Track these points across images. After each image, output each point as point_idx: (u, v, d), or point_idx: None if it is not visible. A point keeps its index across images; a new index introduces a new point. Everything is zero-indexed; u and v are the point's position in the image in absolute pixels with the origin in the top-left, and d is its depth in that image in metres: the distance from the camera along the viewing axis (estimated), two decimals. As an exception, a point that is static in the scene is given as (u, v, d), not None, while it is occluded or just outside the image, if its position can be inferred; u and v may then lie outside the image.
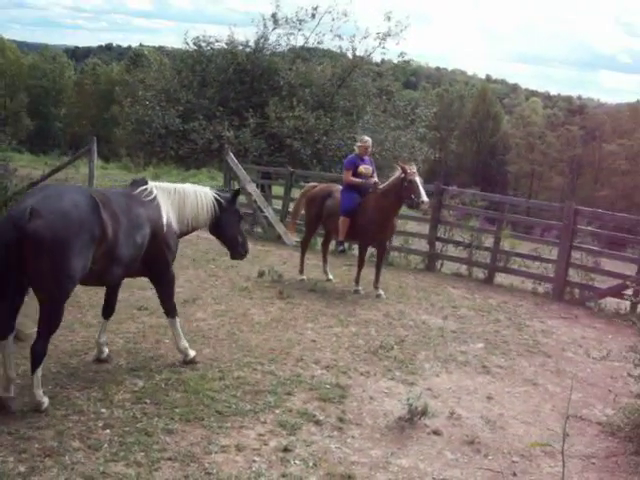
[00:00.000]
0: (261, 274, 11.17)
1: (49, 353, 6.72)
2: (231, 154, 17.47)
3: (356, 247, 12.11)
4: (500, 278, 13.53)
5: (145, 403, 5.91)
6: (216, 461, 5.04)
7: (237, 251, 7.94)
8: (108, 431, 5.34)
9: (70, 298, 8.71)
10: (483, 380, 7.58)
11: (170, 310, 7.11)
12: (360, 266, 11.08)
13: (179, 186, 7.40)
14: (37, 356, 5.66)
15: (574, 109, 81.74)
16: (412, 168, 10.58)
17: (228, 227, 7.69)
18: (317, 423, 5.93)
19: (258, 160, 21.14)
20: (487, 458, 5.67)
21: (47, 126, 71.88)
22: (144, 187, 6.93)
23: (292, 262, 12.56)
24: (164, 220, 6.84)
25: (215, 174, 28.82)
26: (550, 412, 6.85)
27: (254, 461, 5.12)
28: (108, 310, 7.12)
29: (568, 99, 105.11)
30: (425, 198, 10.38)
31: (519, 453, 5.83)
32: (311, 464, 5.17)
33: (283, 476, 4.94)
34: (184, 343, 7.10)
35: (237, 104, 23.01)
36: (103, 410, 5.70)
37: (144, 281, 10.16)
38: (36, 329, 5.82)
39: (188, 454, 5.08)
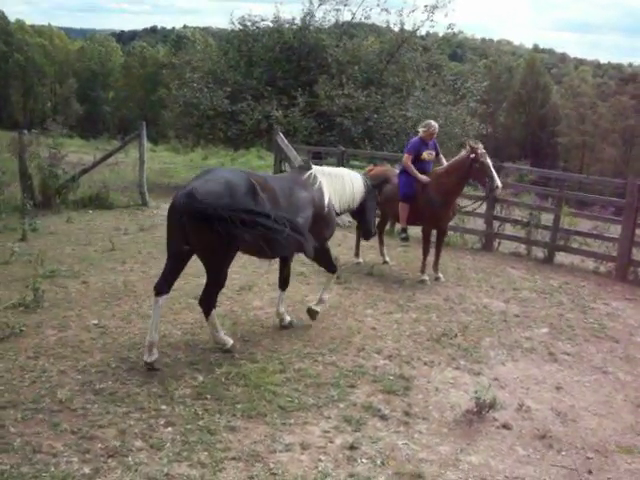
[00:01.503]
0: (317, 258, 11.00)
1: (107, 347, 6.73)
2: (280, 134, 17.30)
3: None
4: (560, 257, 13.18)
5: (206, 399, 5.78)
6: (281, 460, 4.89)
7: (370, 233, 8.93)
8: (170, 429, 5.22)
9: (126, 287, 8.82)
10: (550, 368, 7.32)
11: (330, 269, 8.15)
12: (425, 253, 10.71)
13: (338, 171, 8.36)
14: (206, 306, 6.78)
15: (625, 77, 79.79)
16: (481, 148, 10.12)
17: (368, 211, 8.58)
18: (382, 418, 5.75)
19: (308, 140, 20.94)
20: (560, 454, 5.44)
21: (96, 110, 72.78)
22: (308, 173, 7.76)
23: (346, 244, 12.36)
24: (325, 202, 7.66)
25: (264, 154, 28.70)
26: (623, 403, 6.59)
27: (320, 460, 4.95)
28: (283, 282, 7.97)
29: (618, 67, 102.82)
30: (499, 183, 10.02)
31: (593, 448, 5.59)
32: (379, 462, 5.00)
33: (351, 476, 4.77)
34: (326, 296, 8.21)
35: (285, 83, 22.77)
36: (164, 407, 5.58)
37: (199, 269, 10.16)
38: None
39: (252, 453, 4.94)
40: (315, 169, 7.90)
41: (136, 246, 11.59)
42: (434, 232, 10.98)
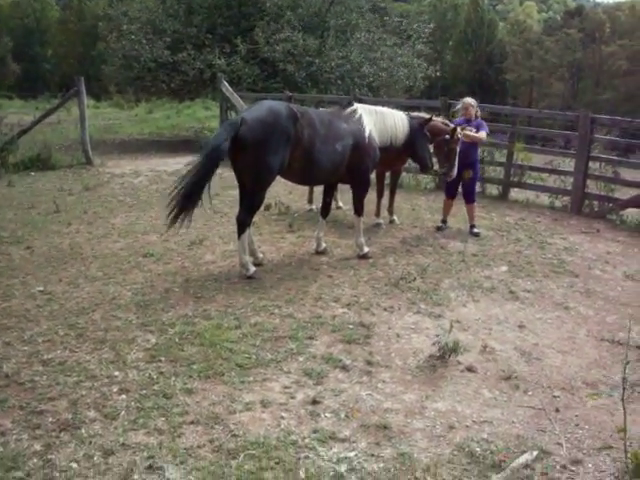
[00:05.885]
0: (267, 207, 10.73)
1: (54, 314, 6.44)
2: (225, 82, 17.02)
3: None
4: (514, 194, 13.13)
5: (160, 361, 5.51)
6: (241, 421, 4.67)
7: (427, 167, 9.44)
8: (124, 396, 4.94)
9: (72, 250, 8.50)
10: (512, 307, 7.22)
11: (358, 210, 8.67)
12: (379, 196, 10.54)
13: (380, 108, 8.97)
14: (240, 224, 7.61)
15: (571, 11, 79.54)
16: (459, 134, 9.55)
17: (419, 147, 9.13)
18: (344, 369, 5.55)
19: (253, 87, 20.62)
20: (527, 394, 5.32)
21: (35, 69, 70.28)
22: (350, 108, 8.53)
23: (298, 191, 12.11)
24: (366, 134, 8.31)
25: (209, 104, 28.20)
26: (586, 338, 6.51)
27: (282, 417, 4.75)
28: (324, 210, 8.79)
29: (563, 1, 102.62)
30: (455, 174, 9.67)
31: (560, 386, 5.47)
32: (343, 416, 4.81)
33: (315, 432, 4.57)
34: (362, 240, 8.73)
35: (225, 30, 22.18)
36: (116, 373, 5.30)
37: (147, 225, 9.86)
38: None
39: (211, 415, 4.70)
40: (357, 105, 8.67)
41: (82, 206, 11.22)
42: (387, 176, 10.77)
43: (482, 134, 9.98)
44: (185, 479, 3.97)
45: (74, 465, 4.10)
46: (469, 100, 10.27)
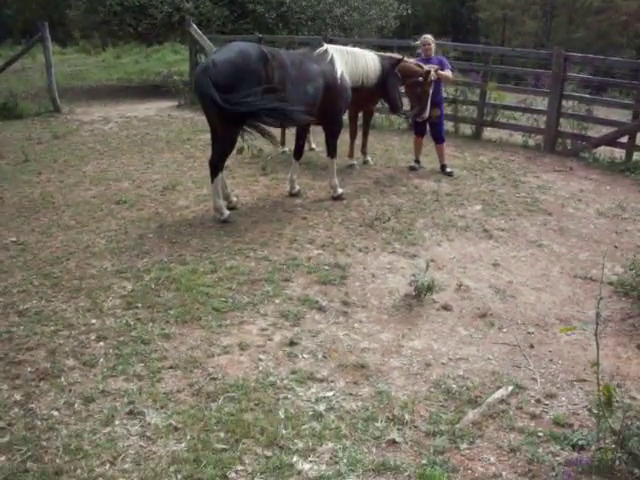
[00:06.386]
0: (240, 150, 10.56)
1: (28, 264, 6.39)
2: (194, 25, 16.75)
3: None
4: (487, 133, 13.12)
5: (137, 308, 5.50)
6: (220, 364, 4.69)
7: (397, 108, 9.34)
8: (102, 344, 4.93)
9: (44, 199, 8.41)
10: (486, 245, 7.27)
11: (332, 151, 8.67)
12: (352, 137, 10.46)
13: (351, 48, 8.98)
14: (213, 168, 7.62)
15: (544, -54, 78.61)
16: (433, 76, 9.50)
17: (390, 87, 9.05)
18: (320, 309, 5.59)
19: (222, 29, 20.22)
20: (502, 331, 5.39)
21: (-5, 14, 68.42)
22: (320, 49, 8.37)
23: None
24: (338, 74, 8.23)
25: (178, 48, 27.70)
26: (559, 275, 6.58)
27: (260, 360, 4.77)
28: (297, 152, 8.73)
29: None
30: (427, 115, 9.64)
31: (534, 323, 5.55)
32: (320, 356, 4.85)
33: (293, 373, 4.60)
34: (335, 181, 8.71)
35: (194, -28, 21.62)
36: (94, 321, 5.28)
37: (119, 172, 9.75)
38: None
39: (190, 360, 4.72)
40: (327, 46, 8.52)
41: (51, 155, 11.03)
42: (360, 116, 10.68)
43: (448, 72, 10.00)
44: (166, 423, 3.99)
45: (55, 413, 4.10)
46: (428, 37, 10.21)
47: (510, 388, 4.47)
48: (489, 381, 4.60)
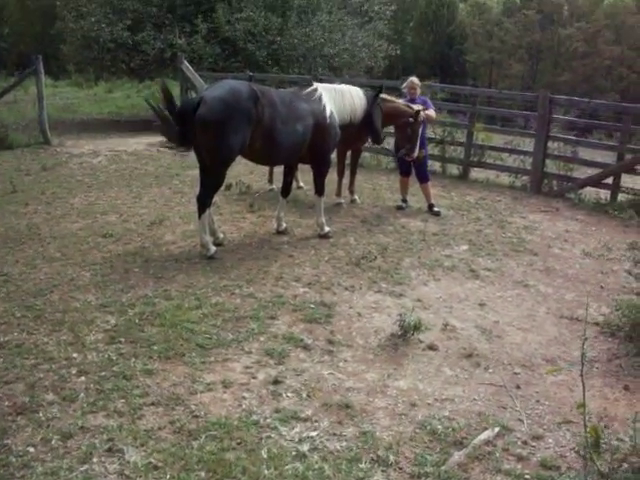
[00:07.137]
0: (228, 187, 10.63)
1: (10, 296, 6.32)
2: (185, 62, 16.86)
3: None
4: (475, 173, 13.19)
5: (120, 342, 5.43)
6: (203, 402, 4.63)
7: (380, 139, 9.51)
8: (83, 378, 4.86)
9: (30, 230, 8.36)
10: (473, 285, 7.26)
11: (319, 189, 8.68)
12: (340, 175, 10.47)
13: (337, 86, 9.03)
14: (201, 204, 7.58)
15: (530, -8, 79.83)
16: (422, 116, 9.64)
17: (375, 119, 9.16)
18: (306, 348, 5.54)
19: (214, 66, 20.36)
20: (488, 372, 5.36)
21: (-10, 47, 68.67)
22: (310, 88, 8.45)
23: (259, 171, 12.00)
24: (327, 113, 8.30)
25: (170, 84, 27.78)
26: (545, 315, 6.57)
27: (244, 398, 4.71)
28: (285, 190, 8.75)
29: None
30: (415, 155, 9.73)
31: (520, 363, 5.52)
32: (304, 395, 4.79)
33: (276, 412, 4.54)
34: (323, 219, 8.70)
35: (185, 10, 21.73)
36: (75, 355, 5.21)
37: (106, 205, 9.73)
38: None
39: (172, 396, 4.65)
40: (316, 85, 8.61)
41: (39, 186, 11.01)
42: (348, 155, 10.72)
43: (431, 112, 10.23)
44: (145, 461, 3.92)
45: (31, 449, 4.02)
46: (415, 80, 10.45)
47: (496, 429, 4.43)
48: (475, 422, 4.55)
